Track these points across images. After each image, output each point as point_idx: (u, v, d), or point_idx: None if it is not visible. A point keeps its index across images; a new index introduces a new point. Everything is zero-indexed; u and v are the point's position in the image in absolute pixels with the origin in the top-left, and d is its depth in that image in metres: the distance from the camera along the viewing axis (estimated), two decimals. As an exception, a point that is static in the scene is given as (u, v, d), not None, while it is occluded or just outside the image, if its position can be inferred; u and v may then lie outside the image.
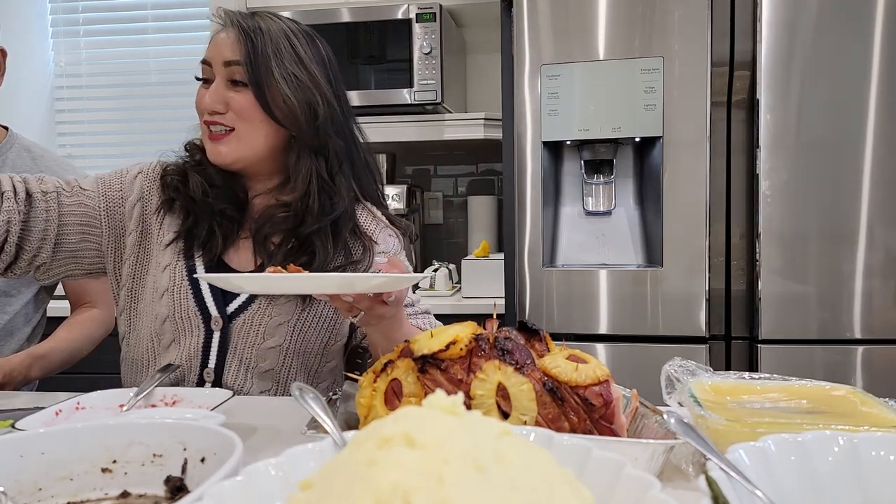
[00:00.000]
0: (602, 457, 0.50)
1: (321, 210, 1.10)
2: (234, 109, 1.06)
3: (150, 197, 1.14)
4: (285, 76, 1.06)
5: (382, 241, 1.20)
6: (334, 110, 1.11)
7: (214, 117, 1.07)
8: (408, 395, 0.73)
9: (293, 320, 1.11)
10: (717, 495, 0.44)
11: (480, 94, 2.70)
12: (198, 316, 1.09)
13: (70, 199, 1.09)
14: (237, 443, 0.56)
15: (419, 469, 0.36)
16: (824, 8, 1.65)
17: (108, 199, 1.12)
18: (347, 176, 1.15)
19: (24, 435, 0.61)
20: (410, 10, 2.28)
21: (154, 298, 1.10)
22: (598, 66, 1.74)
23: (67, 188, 1.10)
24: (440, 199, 2.77)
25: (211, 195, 1.10)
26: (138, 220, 1.13)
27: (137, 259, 1.12)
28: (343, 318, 1.17)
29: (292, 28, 1.10)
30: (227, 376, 1.09)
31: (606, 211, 1.86)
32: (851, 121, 1.65)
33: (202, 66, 1.09)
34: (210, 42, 1.10)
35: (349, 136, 1.16)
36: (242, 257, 1.13)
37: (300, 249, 1.10)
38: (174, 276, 1.09)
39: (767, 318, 1.69)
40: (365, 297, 0.89)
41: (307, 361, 1.15)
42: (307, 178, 1.10)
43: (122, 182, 1.14)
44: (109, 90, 2.96)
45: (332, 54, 1.15)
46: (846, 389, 0.77)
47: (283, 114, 1.07)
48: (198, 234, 1.10)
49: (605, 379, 0.70)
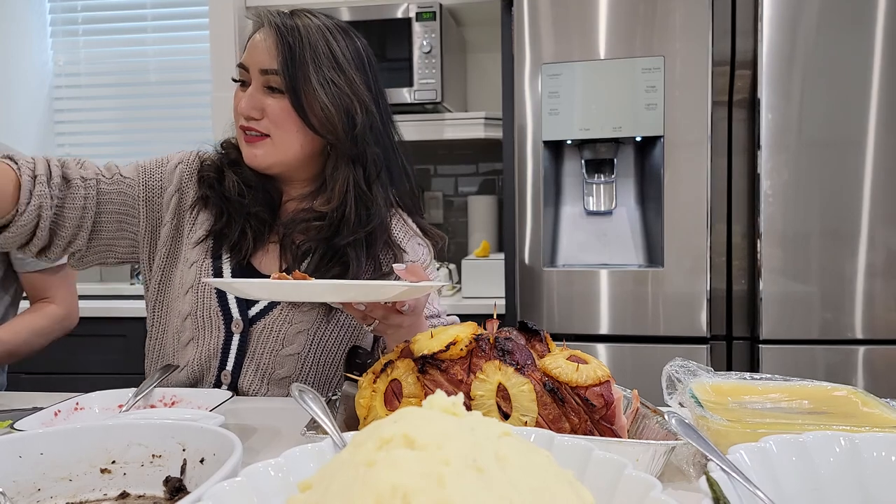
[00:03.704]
0: (603, 457, 0.50)
1: (357, 221, 1.07)
2: (269, 116, 1.04)
3: (188, 189, 1.13)
4: (323, 83, 1.03)
5: (411, 250, 1.16)
6: (373, 117, 1.08)
7: (250, 122, 1.05)
8: (408, 396, 0.73)
9: (313, 329, 1.10)
10: (718, 496, 0.44)
11: (481, 94, 2.70)
12: (219, 317, 1.08)
13: (110, 187, 1.07)
14: (236, 443, 0.56)
15: (419, 470, 0.36)
16: (825, 7, 1.65)
17: (148, 189, 1.11)
18: (385, 184, 1.11)
19: (23, 435, 0.61)
20: (410, 10, 2.28)
21: (179, 294, 1.09)
22: (599, 65, 1.74)
23: (108, 175, 1.08)
24: (440, 199, 2.77)
25: (247, 196, 1.08)
26: (174, 212, 1.12)
27: (169, 252, 1.12)
28: (364, 329, 1.15)
29: (329, 26, 1.07)
30: (244, 380, 1.08)
31: (607, 211, 1.86)
32: (853, 120, 1.65)
33: (238, 70, 1.07)
34: (247, 45, 1.07)
35: (388, 141, 1.12)
36: (269, 261, 1.11)
37: (332, 260, 1.07)
38: (200, 274, 1.09)
39: (769, 318, 1.68)
40: (379, 306, 0.87)
41: (325, 372, 1.13)
42: (343, 187, 1.07)
43: (163, 171, 1.13)
44: (108, 90, 2.95)
45: (370, 52, 1.11)
46: (847, 390, 0.77)
47: (320, 122, 1.04)
48: (228, 235, 1.08)
49: (606, 379, 0.70)
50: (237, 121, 1.08)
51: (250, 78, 1.06)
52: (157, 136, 2.88)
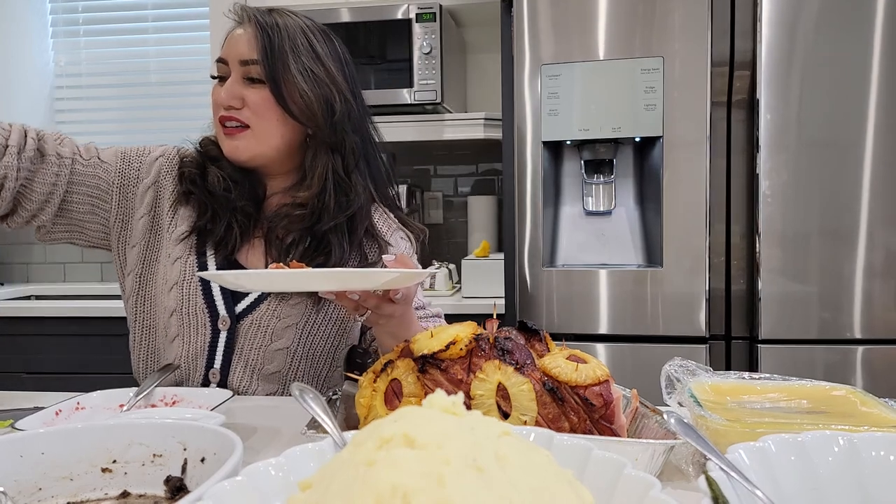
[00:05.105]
0: (602, 457, 0.50)
1: (337, 207, 1.09)
2: (249, 105, 1.05)
3: (165, 183, 1.13)
4: (302, 71, 1.05)
5: (395, 243, 1.19)
6: (351, 107, 1.10)
7: (231, 112, 1.05)
8: (408, 395, 0.73)
9: (302, 322, 1.10)
10: (717, 495, 0.44)
11: (480, 94, 2.70)
12: (205, 313, 1.07)
13: (85, 169, 1.07)
14: (237, 443, 0.56)
15: (419, 469, 0.36)
16: (824, 7, 1.65)
17: (124, 176, 1.11)
18: (364, 174, 1.14)
19: (24, 435, 0.61)
20: (410, 10, 2.28)
21: (163, 290, 1.09)
22: (599, 65, 1.74)
23: (85, 156, 1.08)
24: (440, 199, 2.77)
25: (233, 191, 1.09)
26: (150, 205, 1.11)
27: (148, 245, 1.11)
28: (353, 322, 1.16)
29: (309, 25, 1.09)
30: (233, 377, 1.08)
31: (606, 211, 1.86)
32: (852, 120, 1.65)
33: (217, 65, 1.08)
34: (226, 39, 1.08)
35: (365, 133, 1.15)
36: (254, 256, 1.12)
37: (316, 249, 1.09)
38: (185, 270, 1.08)
39: (767, 318, 1.69)
40: (372, 296, 0.88)
41: (315, 365, 1.14)
42: (323, 174, 1.09)
43: (142, 161, 1.13)
44: (109, 90, 2.96)
45: (348, 53, 1.14)
46: (846, 389, 0.77)
47: (299, 109, 1.06)
48: (214, 230, 1.09)
49: (605, 379, 0.70)
50: (216, 113, 1.08)
51: (229, 72, 1.06)
52: (159, 137, 2.88)
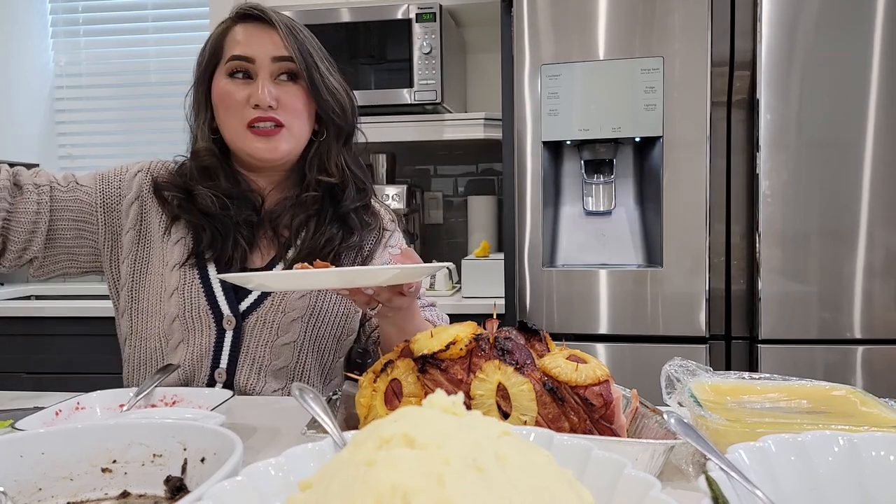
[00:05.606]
0: (602, 457, 0.50)
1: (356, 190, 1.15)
2: (284, 105, 1.06)
3: (149, 196, 1.12)
4: (328, 68, 1.10)
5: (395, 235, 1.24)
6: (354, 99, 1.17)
7: (268, 112, 1.04)
8: (408, 395, 0.73)
9: (307, 315, 1.11)
10: (717, 495, 0.44)
11: (480, 94, 2.70)
12: (209, 315, 1.07)
13: (65, 194, 1.07)
14: (237, 443, 0.56)
15: (419, 469, 0.36)
16: (824, 7, 1.65)
17: (106, 196, 1.10)
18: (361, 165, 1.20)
19: (24, 435, 0.61)
20: (410, 10, 2.28)
21: (162, 298, 1.08)
22: (599, 65, 1.74)
23: (63, 182, 1.08)
24: (440, 199, 2.77)
25: (231, 207, 1.08)
26: (135, 219, 1.11)
27: (136, 257, 1.10)
28: (353, 312, 1.17)
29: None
30: (240, 376, 1.08)
31: (606, 211, 1.86)
32: (852, 120, 1.65)
33: (235, 62, 1.06)
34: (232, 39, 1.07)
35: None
36: (256, 255, 1.12)
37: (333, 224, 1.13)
38: (185, 275, 1.08)
39: (767, 317, 1.69)
40: (385, 289, 0.89)
41: (321, 357, 1.14)
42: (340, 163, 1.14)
43: (122, 179, 1.13)
44: (109, 90, 2.95)
45: None
46: (846, 389, 0.77)
47: (330, 106, 1.10)
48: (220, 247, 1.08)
49: (605, 379, 0.70)
50: (244, 115, 1.05)
51: (255, 70, 1.05)
52: (159, 137, 2.88)
